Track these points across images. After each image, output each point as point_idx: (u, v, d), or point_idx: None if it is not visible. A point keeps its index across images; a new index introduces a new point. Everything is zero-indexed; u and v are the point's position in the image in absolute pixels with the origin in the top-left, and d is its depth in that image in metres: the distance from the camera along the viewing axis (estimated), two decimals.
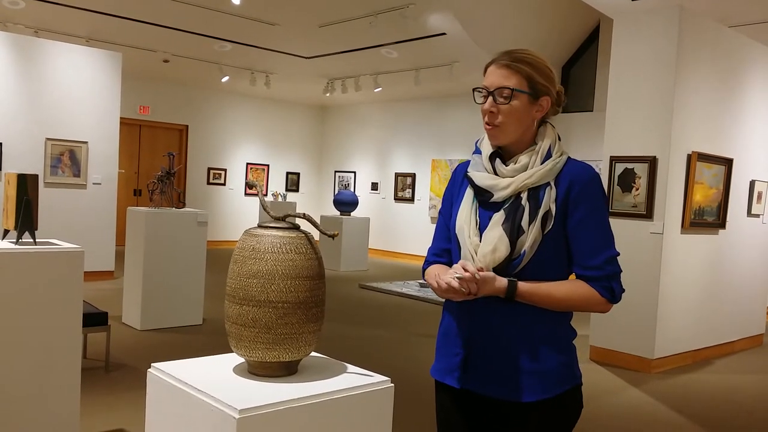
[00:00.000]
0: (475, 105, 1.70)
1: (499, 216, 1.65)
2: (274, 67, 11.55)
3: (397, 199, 13.25)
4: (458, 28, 8.82)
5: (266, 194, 13.67)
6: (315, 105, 14.87)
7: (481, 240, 1.66)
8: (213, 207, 12.94)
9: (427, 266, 1.85)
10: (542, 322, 1.66)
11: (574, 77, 10.65)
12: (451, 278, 1.58)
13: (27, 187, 2.89)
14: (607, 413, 4.39)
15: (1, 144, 7.55)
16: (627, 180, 5.57)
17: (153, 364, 1.57)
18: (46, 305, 2.90)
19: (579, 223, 1.65)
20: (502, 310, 1.65)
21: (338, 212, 11.29)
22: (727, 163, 5.96)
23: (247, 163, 13.79)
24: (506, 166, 1.69)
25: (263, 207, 1.63)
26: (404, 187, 13.11)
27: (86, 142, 8.15)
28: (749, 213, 6.49)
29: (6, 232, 2.99)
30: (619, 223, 5.40)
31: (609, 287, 1.65)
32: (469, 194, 1.74)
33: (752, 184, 6.48)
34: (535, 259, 1.63)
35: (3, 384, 2.82)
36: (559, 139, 1.73)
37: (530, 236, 1.61)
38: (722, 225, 6.04)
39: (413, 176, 12.94)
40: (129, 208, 6.32)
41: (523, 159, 1.67)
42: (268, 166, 14.13)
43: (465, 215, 1.71)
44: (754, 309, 6.71)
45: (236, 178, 13.64)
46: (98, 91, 8.33)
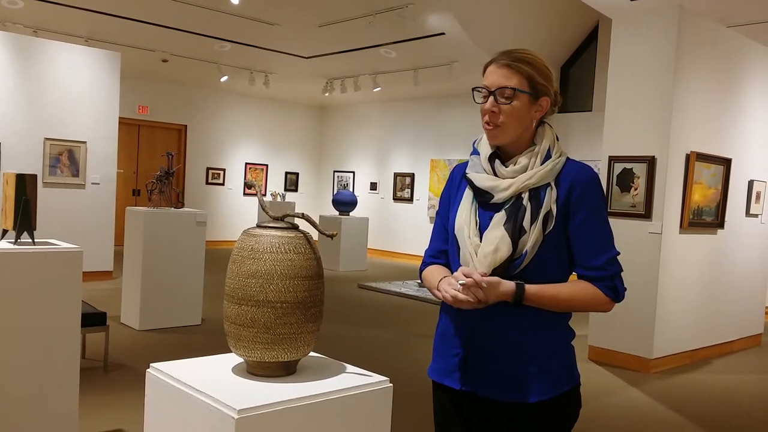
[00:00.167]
0: (474, 105, 1.70)
1: (500, 216, 1.65)
2: (273, 66, 11.55)
3: (396, 199, 13.24)
4: (457, 28, 8.82)
5: (265, 194, 13.66)
6: (314, 105, 14.87)
7: (481, 240, 1.66)
8: (212, 207, 12.93)
9: (424, 267, 1.85)
10: (541, 324, 1.66)
11: (573, 77, 10.65)
12: (455, 290, 1.58)
13: (26, 187, 2.89)
14: (605, 413, 4.39)
15: None
16: (626, 180, 5.57)
17: (152, 365, 1.57)
18: (45, 305, 2.90)
19: (581, 224, 1.66)
20: (501, 311, 1.64)
21: (337, 212, 11.28)
22: (726, 163, 5.97)
23: (246, 163, 13.78)
24: (506, 167, 1.69)
25: (262, 207, 1.63)
26: (403, 187, 13.11)
27: (85, 142, 8.14)
28: (748, 213, 6.49)
29: (5, 232, 2.98)
30: (618, 223, 5.39)
31: (613, 286, 1.66)
32: (468, 195, 1.73)
33: (751, 183, 6.49)
34: (536, 259, 1.63)
35: (2, 384, 2.82)
36: (558, 139, 1.73)
37: (532, 236, 1.62)
38: (721, 225, 6.05)
39: (412, 176, 12.93)
40: (128, 208, 6.32)
41: (523, 160, 1.68)
42: (267, 166, 14.12)
43: (464, 216, 1.71)
44: (753, 309, 6.72)
45: (235, 178, 13.63)
46: (97, 90, 8.32)
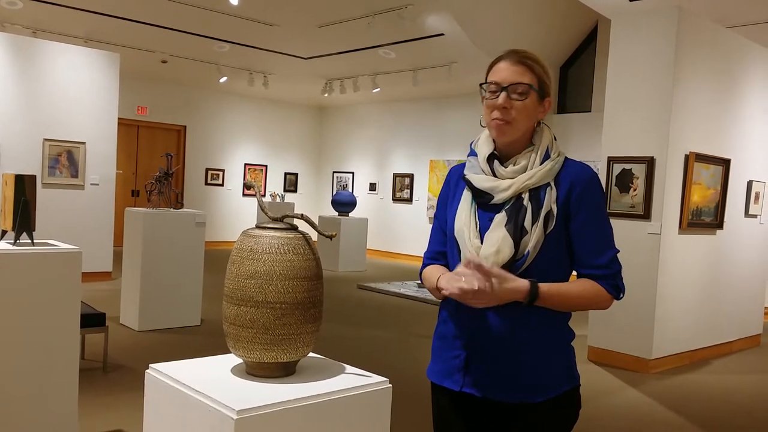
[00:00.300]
0: (473, 105, 1.71)
1: (501, 217, 1.64)
2: (273, 67, 11.55)
3: (395, 199, 13.24)
4: (456, 29, 8.82)
5: (264, 195, 13.66)
6: (313, 105, 14.87)
7: (482, 242, 1.65)
8: (211, 208, 12.93)
9: (423, 269, 1.85)
10: (545, 324, 1.66)
11: (572, 78, 10.66)
12: (458, 283, 1.54)
13: (25, 187, 2.89)
14: (605, 414, 4.39)
15: None
16: (625, 180, 5.57)
17: (151, 365, 1.57)
18: (44, 306, 2.90)
19: (583, 224, 1.66)
20: (505, 312, 1.64)
21: (336, 213, 11.28)
22: (725, 163, 5.97)
23: (245, 164, 13.78)
24: (505, 167, 1.69)
25: (261, 208, 1.63)
26: (402, 187, 13.11)
27: (84, 143, 8.14)
28: (746, 213, 6.49)
29: (4, 232, 2.98)
30: (617, 224, 5.38)
31: (615, 285, 1.68)
32: (466, 196, 1.73)
33: (749, 184, 6.49)
34: (538, 259, 1.63)
35: (2, 384, 2.82)
36: (555, 139, 1.74)
37: (533, 237, 1.61)
38: (720, 225, 6.05)
39: (411, 177, 12.94)
40: (127, 209, 6.32)
41: (523, 160, 1.68)
42: (266, 166, 14.12)
43: (464, 218, 1.70)
44: (752, 309, 6.72)
45: (234, 179, 13.63)
46: (96, 91, 8.32)
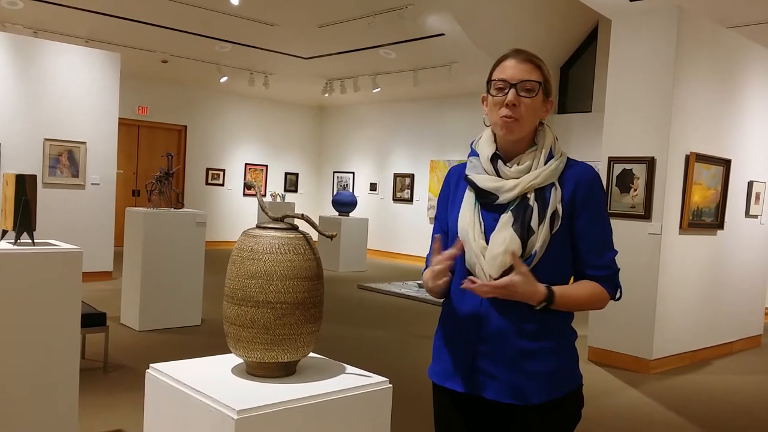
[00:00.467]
0: (473, 105, 1.72)
1: (507, 217, 1.64)
2: (273, 67, 11.55)
3: (395, 199, 13.24)
4: (457, 29, 8.82)
5: (264, 195, 13.66)
6: (314, 105, 14.87)
7: (488, 242, 1.64)
8: (211, 207, 12.93)
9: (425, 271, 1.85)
10: (551, 325, 1.66)
11: (572, 78, 10.65)
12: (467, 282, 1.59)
13: (25, 187, 2.89)
14: (605, 414, 4.39)
15: None
16: (625, 181, 5.57)
17: (151, 365, 1.57)
18: (45, 306, 2.90)
19: (586, 223, 1.67)
20: (510, 313, 1.64)
21: (337, 213, 11.28)
22: (726, 163, 5.97)
23: (246, 164, 13.78)
24: (509, 167, 1.68)
25: (262, 208, 1.64)
26: (403, 187, 13.10)
27: (85, 143, 8.14)
28: (747, 214, 6.49)
29: (4, 232, 2.98)
30: (618, 224, 5.38)
31: (615, 285, 1.69)
32: (469, 197, 1.72)
33: (750, 184, 6.48)
34: (544, 258, 1.63)
35: (2, 384, 2.82)
36: (556, 139, 1.74)
37: (540, 237, 1.62)
38: (720, 226, 6.05)
39: (412, 177, 12.93)
40: (127, 209, 6.32)
41: (527, 160, 1.67)
42: (267, 166, 14.12)
43: (468, 218, 1.69)
44: (753, 310, 6.72)
45: (235, 179, 13.63)
46: (97, 91, 8.32)
